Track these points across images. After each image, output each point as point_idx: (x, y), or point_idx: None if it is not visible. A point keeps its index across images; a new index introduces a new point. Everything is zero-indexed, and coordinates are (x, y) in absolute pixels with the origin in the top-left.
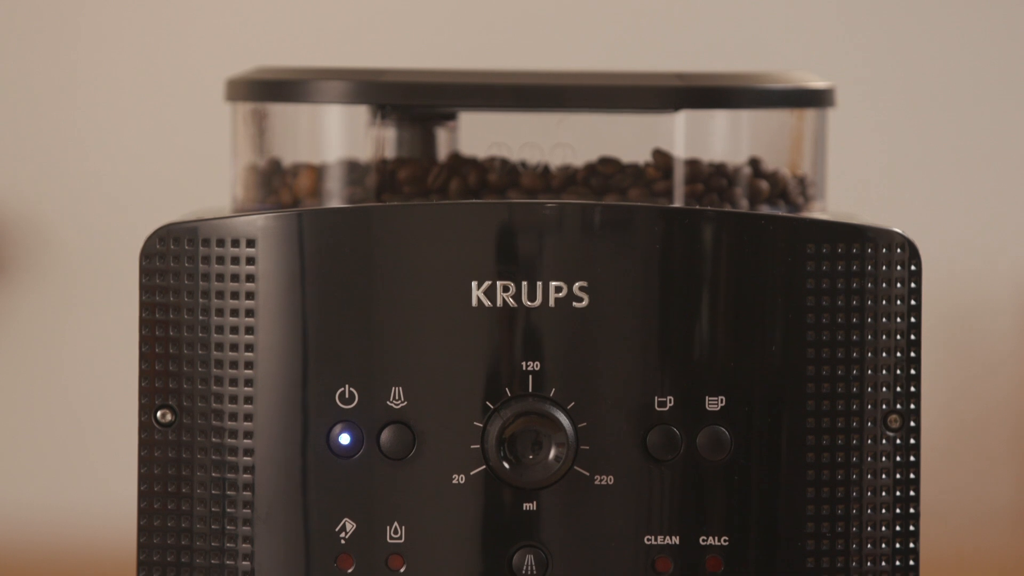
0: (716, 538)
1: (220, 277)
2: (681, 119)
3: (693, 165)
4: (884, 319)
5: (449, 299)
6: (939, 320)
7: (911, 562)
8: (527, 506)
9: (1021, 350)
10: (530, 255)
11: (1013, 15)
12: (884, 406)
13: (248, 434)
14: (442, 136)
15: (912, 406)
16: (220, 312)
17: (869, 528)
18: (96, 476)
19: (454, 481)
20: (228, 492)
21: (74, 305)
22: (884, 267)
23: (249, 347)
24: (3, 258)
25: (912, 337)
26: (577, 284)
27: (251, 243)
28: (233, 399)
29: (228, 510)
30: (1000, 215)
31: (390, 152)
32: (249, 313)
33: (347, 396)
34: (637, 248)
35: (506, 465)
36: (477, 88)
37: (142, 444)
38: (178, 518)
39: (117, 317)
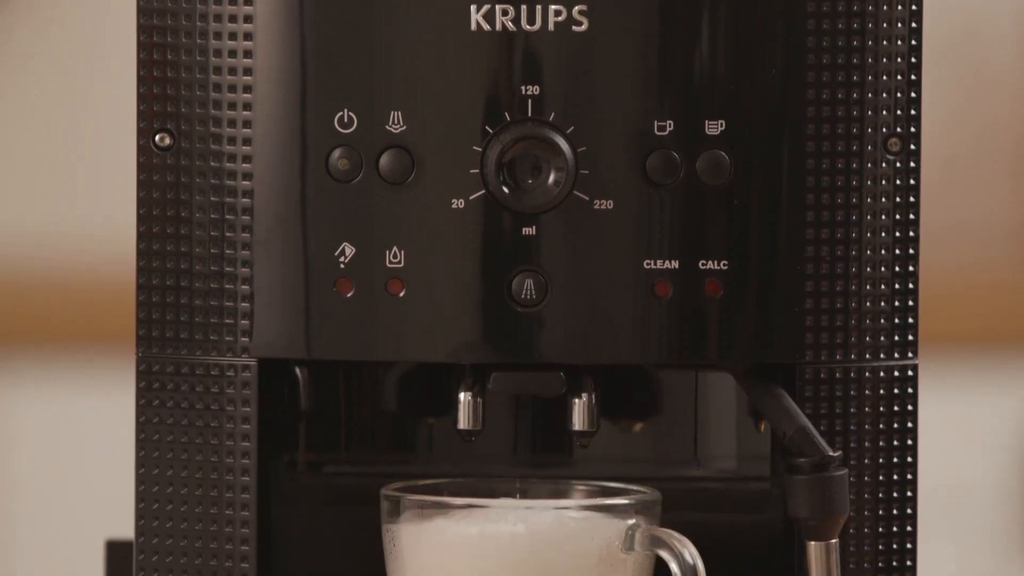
0: (715, 262)
1: (218, 0)
2: None
3: None
4: (885, 41)
5: (448, 23)
6: (940, 42)
7: (910, 285)
8: (526, 231)
9: (1022, 69)
10: None
11: None
12: (884, 129)
13: (247, 158)
14: None
15: (912, 129)
16: (219, 35)
17: (869, 252)
18: (97, 200)
19: (453, 206)
20: (227, 216)
21: (72, 26)
22: None
23: (248, 71)
24: None
25: (913, 60)
26: (576, 8)
27: None
28: (232, 123)
29: (227, 234)
30: None
31: None
32: (248, 36)
33: (346, 120)
34: None
35: (505, 189)
36: None
37: (141, 168)
38: (177, 241)
39: (115, 38)
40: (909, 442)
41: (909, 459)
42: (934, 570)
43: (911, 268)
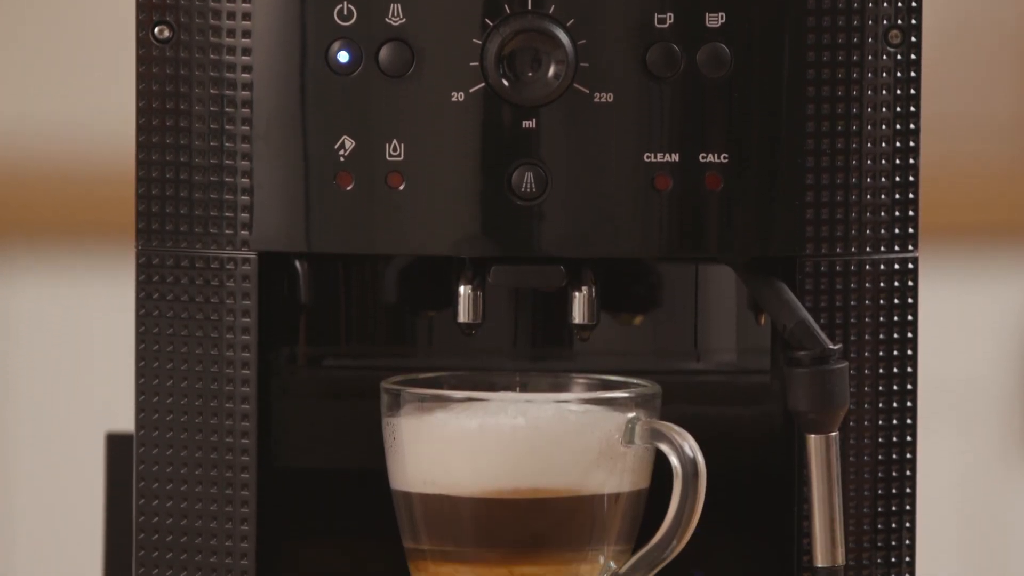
0: (715, 155)
1: None
2: None
3: None
4: None
5: None
6: None
7: (911, 177)
8: (526, 124)
9: None
10: None
11: None
12: (885, 21)
13: (246, 51)
14: None
15: (913, 21)
16: None
17: (869, 144)
18: (97, 91)
19: (453, 99)
20: (227, 109)
21: None
22: None
23: None
24: None
25: None
26: None
27: None
28: (231, 15)
29: (227, 127)
30: None
31: None
32: None
33: (345, 13)
34: None
35: (505, 82)
36: None
37: (140, 60)
38: (177, 134)
39: None
40: (909, 335)
41: (909, 352)
42: (935, 462)
43: (911, 161)
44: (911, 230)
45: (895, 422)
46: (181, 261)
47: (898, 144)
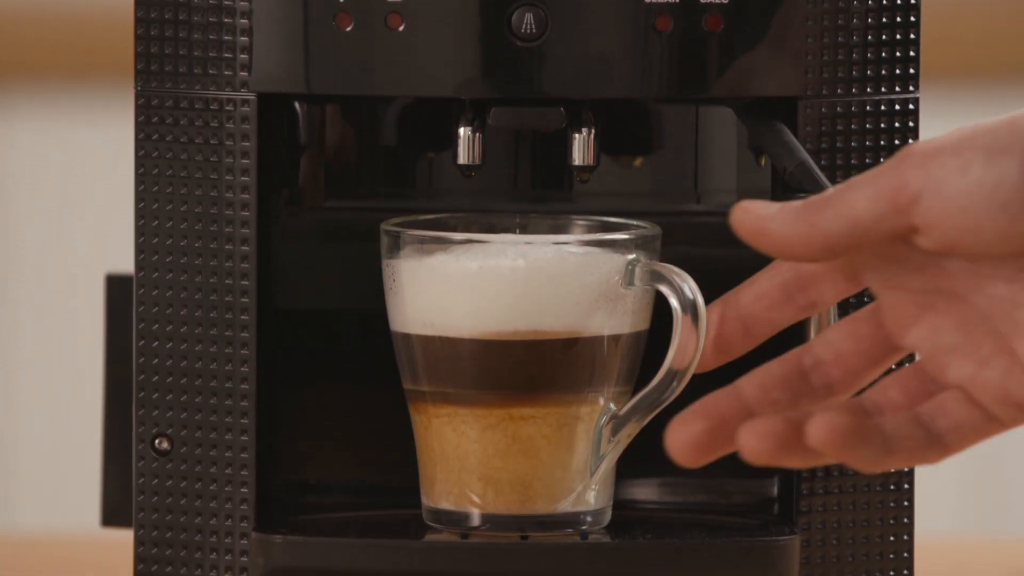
0: None
1: None
2: None
3: None
4: None
5: None
6: None
7: (912, 17)
8: None
9: None
10: None
11: None
12: None
13: None
14: None
15: None
16: None
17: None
18: None
19: None
20: None
21: None
22: None
23: None
24: None
25: None
26: None
27: None
28: None
29: None
30: None
31: None
32: None
33: None
34: None
35: None
36: None
37: None
38: None
39: None
40: None
41: None
42: None
43: (912, 0)
44: (912, 71)
45: None
46: (180, 102)
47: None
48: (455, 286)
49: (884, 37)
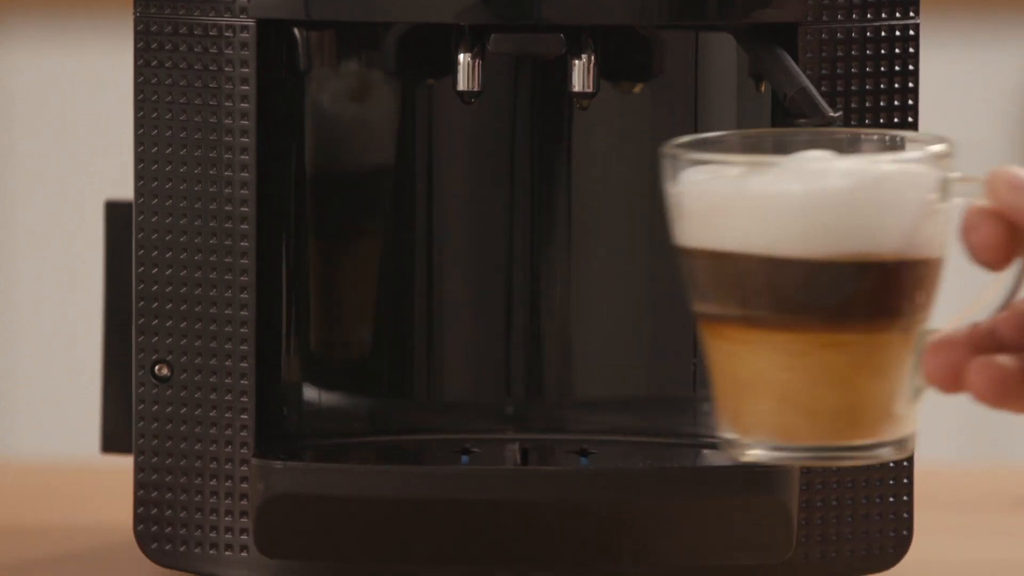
0: None
1: None
2: None
3: None
4: None
5: None
6: None
7: None
8: None
9: None
10: None
11: None
12: None
13: None
14: None
15: None
16: None
17: None
18: None
19: None
20: None
21: None
22: None
23: None
24: None
25: None
26: None
27: None
28: None
29: None
30: None
31: None
32: None
33: None
34: None
35: None
36: None
37: None
38: None
39: None
40: (910, 102)
41: (910, 119)
42: None
43: None
44: None
45: None
46: (180, 28)
47: None
48: (783, 209)
49: None
